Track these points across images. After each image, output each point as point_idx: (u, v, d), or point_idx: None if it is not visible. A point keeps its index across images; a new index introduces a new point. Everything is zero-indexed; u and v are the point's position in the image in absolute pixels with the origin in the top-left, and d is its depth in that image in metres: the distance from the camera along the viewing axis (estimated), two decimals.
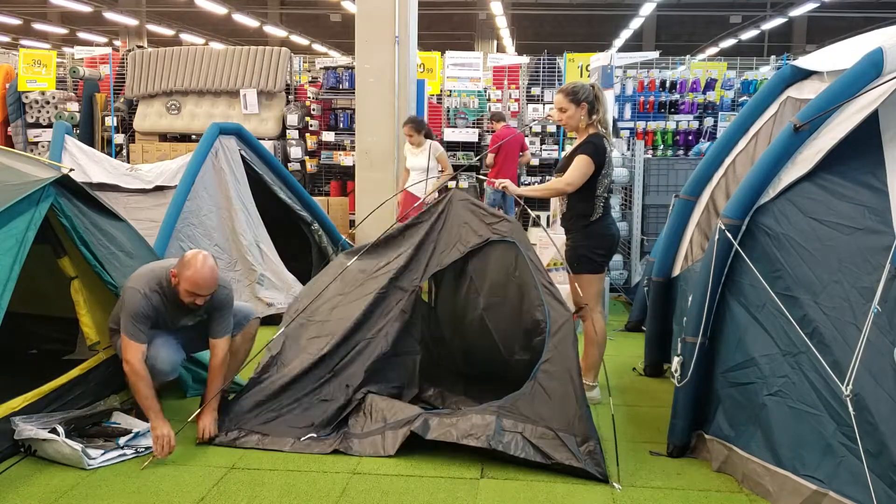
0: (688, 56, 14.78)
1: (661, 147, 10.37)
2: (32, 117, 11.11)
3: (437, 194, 7.11)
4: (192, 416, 3.92)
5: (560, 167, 4.60)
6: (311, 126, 10.58)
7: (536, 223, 7.50)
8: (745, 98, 10.20)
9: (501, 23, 24.05)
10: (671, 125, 10.38)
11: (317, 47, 28.91)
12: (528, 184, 10.82)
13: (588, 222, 4.48)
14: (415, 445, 3.74)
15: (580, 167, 4.35)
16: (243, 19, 24.32)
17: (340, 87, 10.59)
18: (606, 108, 4.55)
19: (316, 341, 4.21)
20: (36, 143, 11.04)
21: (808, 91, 3.93)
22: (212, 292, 3.93)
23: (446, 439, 3.65)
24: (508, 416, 3.67)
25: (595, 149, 4.38)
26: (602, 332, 4.57)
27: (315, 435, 3.91)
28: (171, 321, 4.04)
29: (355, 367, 4.15)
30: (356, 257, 4.55)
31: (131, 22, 25.90)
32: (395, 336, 4.24)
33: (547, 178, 10.84)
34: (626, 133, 10.07)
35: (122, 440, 3.75)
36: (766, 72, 11.42)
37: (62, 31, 28.96)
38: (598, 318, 4.54)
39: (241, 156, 6.50)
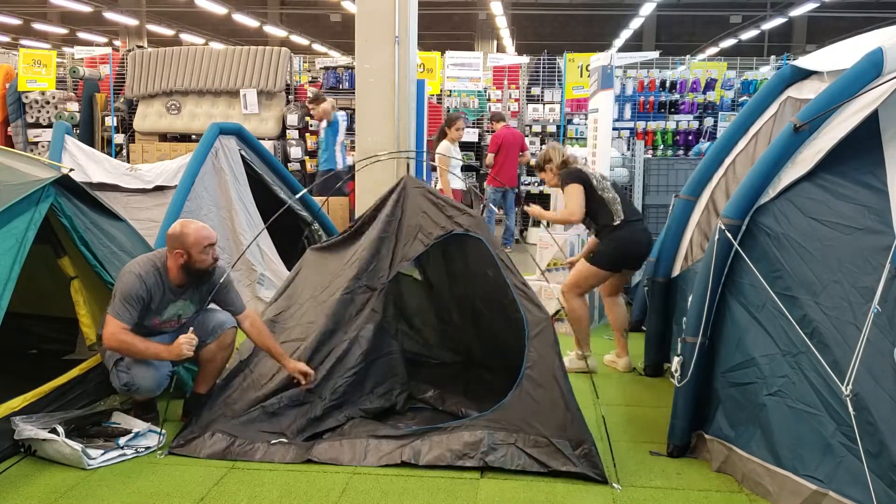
0: (688, 56, 14.81)
1: (661, 147, 10.38)
2: (32, 117, 11.12)
3: None
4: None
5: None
6: (312, 126, 10.59)
7: (537, 223, 7.51)
8: (745, 98, 10.22)
9: (501, 23, 24.05)
10: (671, 125, 10.39)
11: (317, 47, 28.91)
12: (528, 184, 10.89)
13: (613, 227, 4.90)
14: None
15: (571, 195, 4.90)
16: (243, 19, 24.32)
17: (340, 87, 10.61)
18: (564, 150, 5.27)
19: (288, 346, 4.05)
20: (36, 143, 11.06)
21: (808, 91, 3.93)
22: (216, 239, 4.03)
23: (440, 463, 3.57)
24: (499, 428, 3.60)
25: (569, 174, 4.98)
26: (577, 310, 5.02)
27: (285, 440, 3.75)
28: (160, 307, 4.00)
29: (334, 378, 3.98)
30: (322, 251, 4.49)
31: (131, 22, 25.89)
32: (370, 338, 4.07)
33: None
34: (626, 133, 10.09)
35: (122, 440, 3.75)
36: (766, 72, 11.43)
37: (62, 31, 28.96)
38: (578, 301, 5.01)
39: (241, 156, 6.50)
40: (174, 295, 4.02)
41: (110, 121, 10.98)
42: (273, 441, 3.75)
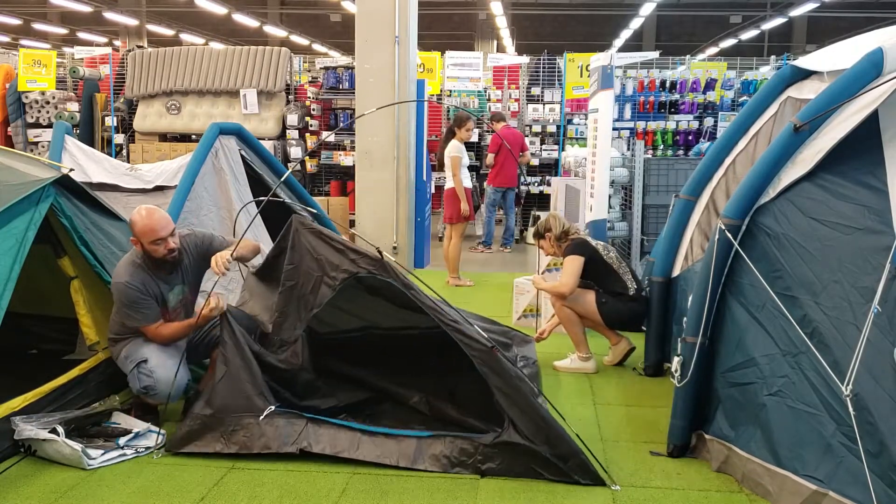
0: (688, 56, 14.80)
1: (661, 147, 10.36)
2: (32, 117, 11.12)
3: None
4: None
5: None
6: (311, 126, 10.59)
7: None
8: (745, 98, 10.20)
9: (501, 23, 24.05)
10: (671, 125, 10.38)
11: (317, 47, 28.92)
12: (528, 184, 10.89)
13: (629, 297, 5.00)
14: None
15: (568, 267, 4.96)
16: (243, 19, 24.32)
17: (340, 87, 10.60)
18: (564, 222, 5.23)
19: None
20: (36, 143, 11.06)
21: (808, 91, 3.92)
22: (173, 229, 3.99)
23: (435, 469, 3.57)
24: (493, 446, 3.60)
25: (575, 246, 5.01)
26: (566, 313, 5.06)
27: (273, 408, 3.71)
28: (161, 299, 4.02)
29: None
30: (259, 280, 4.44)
31: (131, 22, 25.91)
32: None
33: (547, 178, 10.87)
34: (626, 133, 10.08)
35: (122, 440, 3.75)
36: (766, 72, 11.42)
37: (62, 31, 28.97)
38: (566, 309, 5.05)
39: (241, 156, 6.50)
40: (167, 283, 4.06)
41: (110, 121, 10.98)
42: (262, 417, 3.70)
